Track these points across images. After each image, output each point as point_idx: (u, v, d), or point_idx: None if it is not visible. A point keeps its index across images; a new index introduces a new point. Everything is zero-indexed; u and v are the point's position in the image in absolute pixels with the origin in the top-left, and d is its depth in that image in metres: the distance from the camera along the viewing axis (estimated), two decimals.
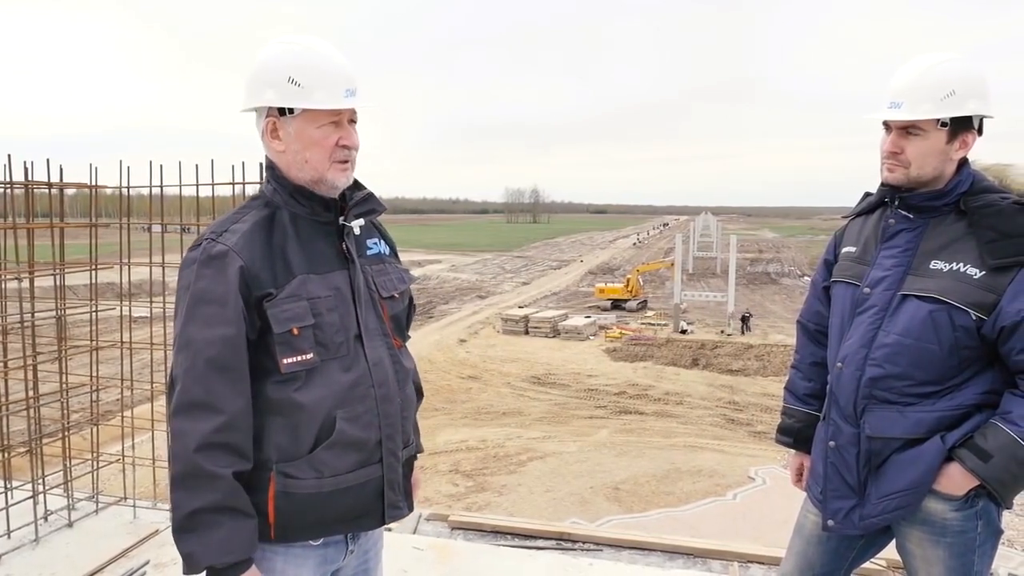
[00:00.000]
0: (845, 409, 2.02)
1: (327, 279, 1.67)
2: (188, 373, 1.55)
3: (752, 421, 22.38)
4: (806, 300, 2.39)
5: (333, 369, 1.64)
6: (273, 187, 1.70)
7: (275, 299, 1.59)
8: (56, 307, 3.75)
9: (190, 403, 1.54)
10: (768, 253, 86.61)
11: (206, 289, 1.57)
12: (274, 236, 1.64)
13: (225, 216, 1.70)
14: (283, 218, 1.67)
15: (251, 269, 1.58)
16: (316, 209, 1.70)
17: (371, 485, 1.70)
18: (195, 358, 1.54)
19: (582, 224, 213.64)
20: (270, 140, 1.67)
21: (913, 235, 1.97)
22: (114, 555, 3.42)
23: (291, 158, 1.67)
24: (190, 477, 1.53)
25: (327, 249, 1.70)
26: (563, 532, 4.18)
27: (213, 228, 1.64)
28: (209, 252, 1.59)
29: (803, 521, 2.25)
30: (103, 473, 4.00)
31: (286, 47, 1.66)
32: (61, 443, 3.82)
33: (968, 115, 1.87)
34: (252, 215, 1.66)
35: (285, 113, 1.64)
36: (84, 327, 4.16)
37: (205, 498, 1.51)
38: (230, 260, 1.57)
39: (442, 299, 47.44)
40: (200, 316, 1.56)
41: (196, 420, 1.53)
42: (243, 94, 1.69)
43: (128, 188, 3.75)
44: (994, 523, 1.96)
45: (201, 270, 1.58)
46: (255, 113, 1.69)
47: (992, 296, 1.82)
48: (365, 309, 1.72)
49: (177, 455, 1.54)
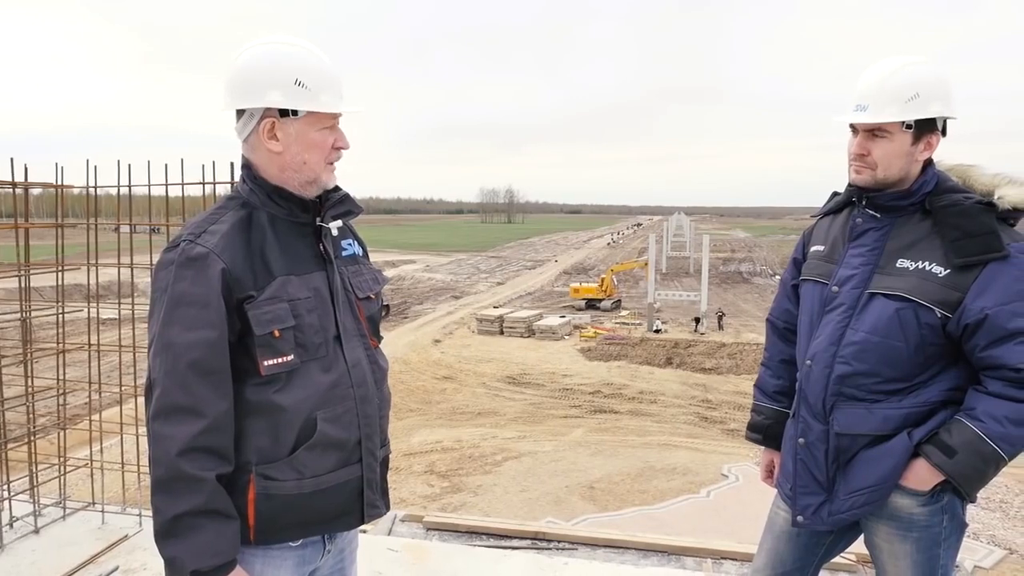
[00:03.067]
0: (814, 406, 2.05)
1: (306, 280, 1.67)
2: (169, 376, 1.53)
3: (725, 419, 22.59)
4: (775, 298, 2.42)
5: (313, 370, 1.65)
6: (250, 188, 1.69)
7: (256, 301, 1.58)
8: (21, 309, 3.68)
9: (172, 407, 1.52)
10: (740, 253, 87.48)
11: (186, 291, 1.55)
12: (253, 237, 1.63)
13: (201, 216, 1.67)
14: (261, 219, 1.66)
15: (232, 271, 1.57)
16: (294, 210, 1.69)
17: (351, 485, 1.72)
18: (176, 361, 1.53)
19: (556, 224, 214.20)
20: (266, 141, 1.65)
21: (880, 234, 2.01)
22: (82, 561, 3.36)
23: (288, 160, 1.66)
24: (173, 481, 1.51)
25: (305, 250, 1.71)
26: (538, 532, 4.19)
27: (190, 229, 1.62)
28: (188, 254, 1.56)
29: (773, 517, 2.28)
30: (70, 478, 3.93)
31: (288, 48, 1.65)
32: (27, 448, 3.74)
33: (932, 117, 1.91)
34: (229, 216, 1.65)
35: (287, 115, 1.63)
36: (50, 329, 4.09)
37: (188, 502, 1.51)
38: (211, 262, 1.55)
39: (416, 299, 47.27)
40: (180, 318, 1.54)
41: (178, 424, 1.51)
42: (232, 93, 1.65)
43: (96, 188, 3.69)
44: (959, 517, 2.00)
45: (180, 271, 1.56)
46: (240, 113, 1.66)
47: (957, 294, 1.86)
48: (343, 310, 1.73)
49: (158, 459, 1.52)
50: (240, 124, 1.67)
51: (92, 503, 3.90)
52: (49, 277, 3.81)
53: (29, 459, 3.75)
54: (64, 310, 3.77)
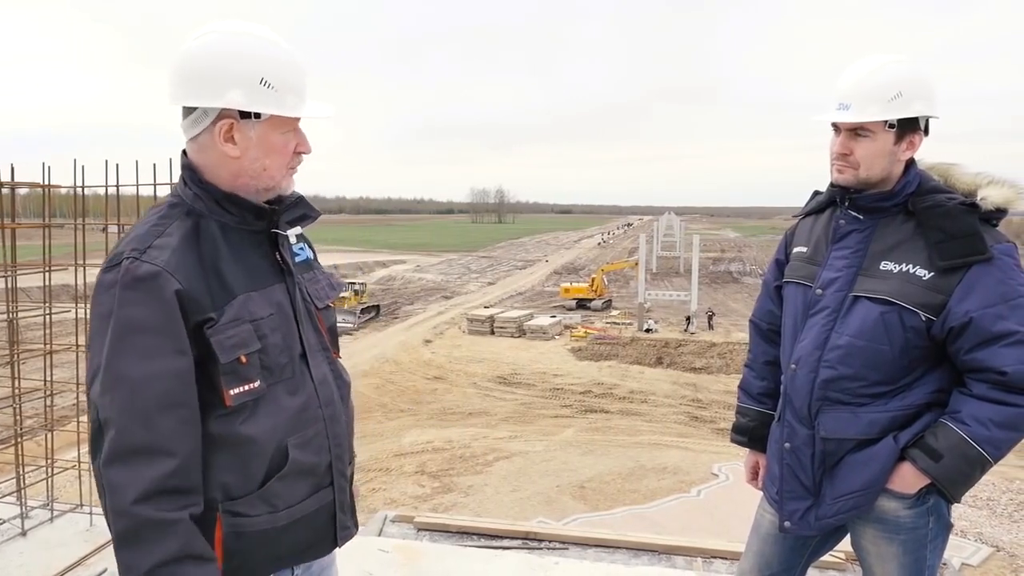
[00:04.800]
0: (800, 411, 2.04)
1: (267, 295, 1.52)
2: (125, 414, 1.34)
3: (715, 418, 22.68)
4: (758, 299, 2.40)
5: (279, 394, 1.51)
6: (194, 193, 1.49)
7: (217, 325, 1.41)
8: (8, 310, 3.65)
9: (131, 448, 1.34)
10: (730, 252, 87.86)
11: (137, 317, 1.36)
12: (204, 251, 1.45)
13: (142, 228, 1.46)
14: (211, 229, 1.48)
15: (188, 292, 1.39)
16: (247, 218, 1.51)
17: (324, 511, 1.62)
18: (133, 396, 1.34)
19: (547, 224, 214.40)
20: (222, 143, 1.46)
21: (863, 236, 1.99)
22: (70, 563, 3.34)
23: (246, 165, 1.49)
24: (139, 531, 1.33)
25: (261, 262, 1.54)
26: (529, 532, 4.19)
27: (132, 243, 1.41)
28: (135, 273, 1.36)
29: (760, 520, 2.27)
30: (58, 480, 3.90)
31: (251, 40, 1.46)
32: (14, 450, 3.71)
33: (915, 116, 1.90)
34: (175, 227, 1.45)
35: (248, 116, 1.46)
36: (38, 330, 4.06)
37: (162, 550, 1.33)
38: (163, 282, 1.37)
39: (407, 300, 47.22)
40: (134, 348, 1.35)
41: (139, 467, 1.33)
42: (182, 86, 1.45)
43: (83, 187, 3.66)
44: (944, 518, 2.00)
45: (126, 294, 1.36)
46: (188, 110, 1.47)
47: (941, 297, 1.85)
48: (305, 324, 1.60)
49: (115, 510, 1.34)
50: (188, 121, 1.48)
51: (80, 505, 3.87)
52: (36, 278, 3.78)
53: (16, 461, 3.72)
54: (51, 311, 3.74)
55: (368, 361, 29.24)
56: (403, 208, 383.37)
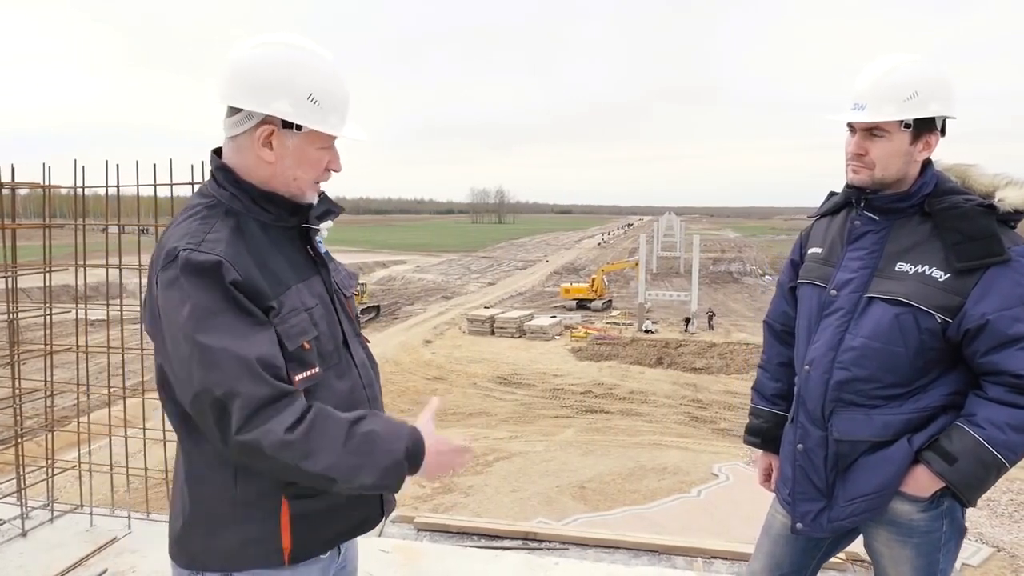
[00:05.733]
0: (813, 412, 2.02)
1: (309, 287, 1.60)
2: (242, 378, 1.37)
3: (716, 419, 22.66)
4: (772, 300, 2.38)
5: (331, 379, 1.58)
6: (231, 193, 1.55)
7: (280, 314, 1.48)
8: (9, 310, 3.65)
9: (260, 403, 1.38)
10: (730, 253, 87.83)
11: (210, 300, 1.40)
12: (250, 246, 1.50)
13: (189, 226, 1.49)
14: (250, 226, 1.54)
15: (247, 282, 1.44)
16: (282, 215, 1.58)
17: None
18: (239, 361, 1.37)
19: (547, 224, 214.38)
20: (259, 148, 1.52)
21: (878, 237, 1.97)
22: (70, 564, 3.34)
23: (278, 172, 1.55)
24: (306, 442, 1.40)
25: (297, 255, 1.62)
26: (529, 532, 4.19)
27: (185, 241, 1.44)
28: (196, 261, 1.40)
29: (771, 521, 2.25)
30: (58, 480, 3.90)
31: (309, 58, 1.52)
32: (14, 450, 3.72)
33: (931, 116, 1.88)
34: (220, 224, 1.50)
35: (289, 126, 1.51)
36: (38, 331, 4.06)
37: (341, 447, 1.42)
38: (225, 271, 1.41)
39: (407, 300, 47.20)
40: (219, 327, 1.39)
41: (273, 418, 1.38)
42: (235, 87, 1.50)
43: (83, 188, 3.66)
44: (958, 522, 1.99)
45: (192, 280, 1.40)
46: (234, 108, 1.52)
47: (957, 299, 1.83)
48: (341, 312, 1.69)
49: (276, 447, 1.38)
50: (232, 120, 1.54)
51: (80, 506, 3.87)
52: (36, 278, 3.78)
53: (16, 461, 3.72)
54: (52, 311, 3.74)
55: None
56: (403, 208, 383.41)
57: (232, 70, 1.51)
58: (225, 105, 1.54)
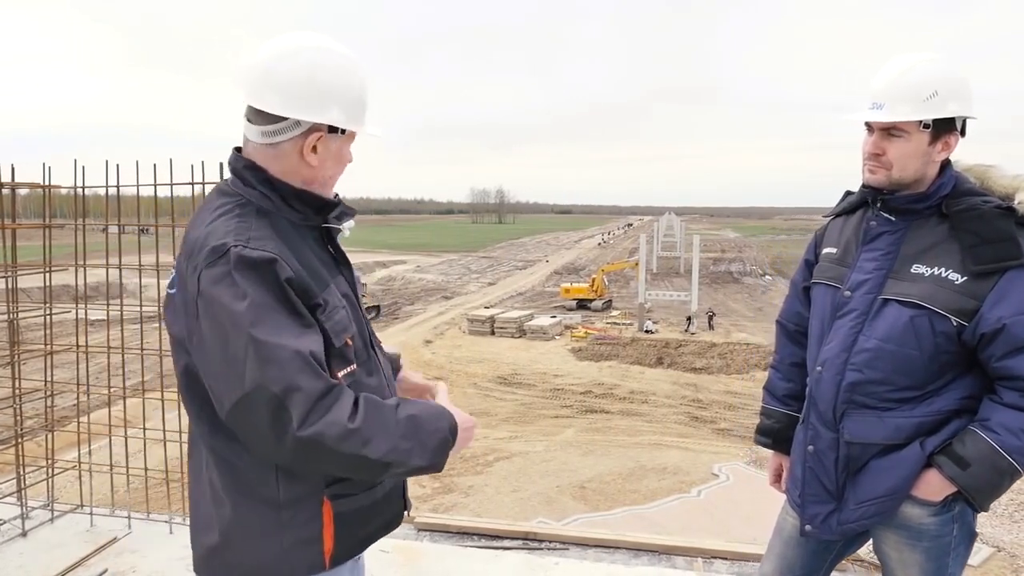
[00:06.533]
0: (824, 414, 2.00)
1: (339, 285, 1.60)
2: (301, 373, 1.35)
3: (716, 419, 22.65)
4: (786, 300, 2.36)
5: (363, 376, 1.58)
6: (261, 192, 1.52)
7: (326, 309, 1.48)
8: (9, 310, 3.65)
9: (318, 395, 1.36)
10: (731, 253, 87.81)
11: (265, 295, 1.37)
12: (288, 243, 1.49)
13: (225, 224, 1.46)
14: (282, 224, 1.52)
15: (298, 279, 1.43)
16: (309, 214, 1.58)
17: (399, 484, 1.72)
18: (291, 361, 1.35)
19: (547, 224, 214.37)
20: (307, 154, 1.52)
21: (894, 238, 1.95)
22: (70, 564, 3.34)
23: (318, 174, 1.56)
24: (375, 438, 1.40)
25: (323, 254, 1.61)
26: (529, 532, 4.19)
27: (231, 237, 1.42)
28: (250, 257, 1.38)
29: (783, 523, 2.23)
30: (58, 480, 3.90)
31: (351, 64, 1.55)
32: (14, 450, 3.71)
33: (950, 117, 1.86)
34: (257, 223, 1.47)
35: (336, 131, 1.53)
36: (38, 331, 4.06)
37: (395, 431, 1.44)
38: (279, 268, 1.40)
39: (407, 300, 47.20)
40: (275, 322, 1.36)
41: (332, 410, 1.37)
42: (288, 98, 1.48)
43: (83, 188, 3.66)
44: (969, 526, 1.97)
45: (247, 276, 1.37)
46: (273, 117, 1.49)
47: (973, 302, 1.81)
48: (362, 311, 1.69)
49: (341, 439, 1.36)
50: (274, 128, 1.50)
51: (80, 506, 3.87)
52: (37, 278, 3.79)
53: (16, 461, 3.72)
54: (52, 311, 3.74)
55: None
56: (403, 208, 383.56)
57: (278, 80, 1.48)
58: (254, 110, 1.51)
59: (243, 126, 1.57)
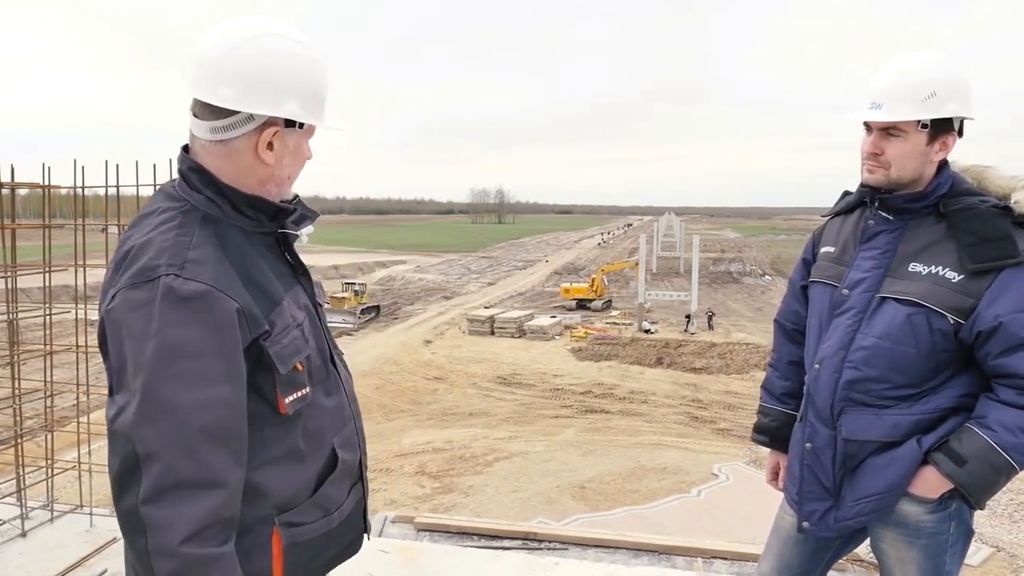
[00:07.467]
0: (822, 411, 2.01)
1: (295, 298, 1.46)
2: (174, 447, 1.21)
3: (716, 419, 22.66)
4: (784, 299, 2.37)
5: (320, 397, 1.48)
6: (207, 197, 1.38)
7: (273, 336, 1.35)
8: (8, 311, 3.65)
9: (180, 483, 1.22)
10: (730, 253, 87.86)
11: (185, 339, 1.23)
12: (234, 259, 1.36)
13: (166, 240, 1.31)
14: (230, 234, 1.38)
15: (244, 308, 1.30)
16: (262, 220, 1.44)
17: (359, 507, 1.62)
18: (183, 427, 1.22)
19: (547, 224, 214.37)
20: (262, 151, 1.39)
21: (892, 237, 1.97)
22: (70, 564, 3.34)
23: (275, 173, 1.43)
24: (188, 572, 1.22)
25: (278, 264, 1.47)
26: (529, 532, 4.19)
27: (165, 258, 1.28)
28: (181, 292, 1.24)
29: (780, 522, 2.24)
30: (58, 481, 3.90)
31: (308, 51, 1.40)
32: (14, 450, 3.71)
33: (948, 117, 1.87)
34: (199, 236, 1.33)
35: (293, 125, 1.41)
36: (38, 331, 4.06)
37: None
38: (214, 301, 1.26)
39: (407, 300, 47.22)
40: (182, 374, 1.23)
41: (186, 503, 1.22)
42: (238, 90, 1.34)
43: (83, 188, 3.66)
44: (966, 524, 1.98)
45: (170, 315, 1.23)
46: (223, 112, 1.36)
47: (970, 300, 1.82)
48: (323, 323, 1.58)
49: (161, 551, 1.21)
50: (224, 123, 1.37)
51: (80, 506, 3.87)
52: (36, 278, 3.78)
53: (16, 462, 3.71)
54: (51, 311, 3.74)
55: (368, 361, 29.22)
56: (403, 208, 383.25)
57: (226, 70, 1.34)
58: (202, 104, 1.37)
59: (189, 121, 1.42)
